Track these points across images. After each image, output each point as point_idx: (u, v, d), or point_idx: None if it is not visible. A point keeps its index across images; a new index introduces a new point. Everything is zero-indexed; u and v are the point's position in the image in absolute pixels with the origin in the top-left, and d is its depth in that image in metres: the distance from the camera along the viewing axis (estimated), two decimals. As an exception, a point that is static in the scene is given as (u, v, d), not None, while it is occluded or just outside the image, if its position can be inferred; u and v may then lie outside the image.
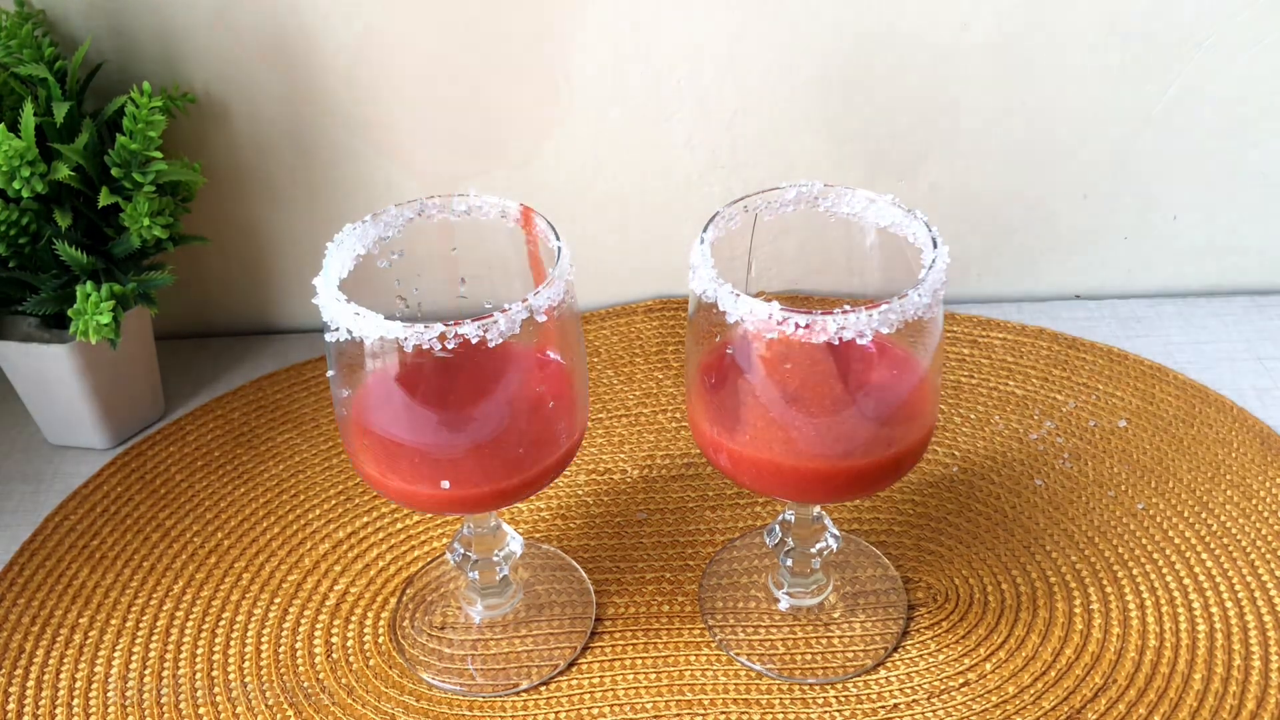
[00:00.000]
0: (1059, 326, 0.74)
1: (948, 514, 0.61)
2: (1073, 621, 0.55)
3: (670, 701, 0.53)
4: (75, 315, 0.59)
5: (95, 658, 0.56)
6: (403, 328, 0.43)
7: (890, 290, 0.50)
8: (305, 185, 0.72)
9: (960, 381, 0.70)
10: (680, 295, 0.77)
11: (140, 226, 0.60)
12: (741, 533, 0.61)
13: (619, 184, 0.72)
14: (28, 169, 0.57)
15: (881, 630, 0.56)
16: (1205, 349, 0.71)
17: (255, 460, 0.66)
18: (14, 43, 0.61)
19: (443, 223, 0.50)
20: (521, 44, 0.67)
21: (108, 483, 0.65)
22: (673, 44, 0.67)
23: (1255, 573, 0.57)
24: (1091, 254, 0.76)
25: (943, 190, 0.73)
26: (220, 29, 0.66)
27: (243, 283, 0.76)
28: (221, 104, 0.69)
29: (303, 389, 0.72)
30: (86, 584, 0.59)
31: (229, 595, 0.59)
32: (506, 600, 0.57)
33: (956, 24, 0.66)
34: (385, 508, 0.63)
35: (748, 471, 0.48)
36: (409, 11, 0.66)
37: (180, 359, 0.74)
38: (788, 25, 0.67)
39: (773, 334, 0.43)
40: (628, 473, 0.65)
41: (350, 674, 0.55)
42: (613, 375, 0.71)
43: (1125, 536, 0.59)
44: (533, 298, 0.44)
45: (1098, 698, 0.52)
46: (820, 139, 0.71)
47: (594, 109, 0.69)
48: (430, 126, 0.70)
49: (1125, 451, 0.64)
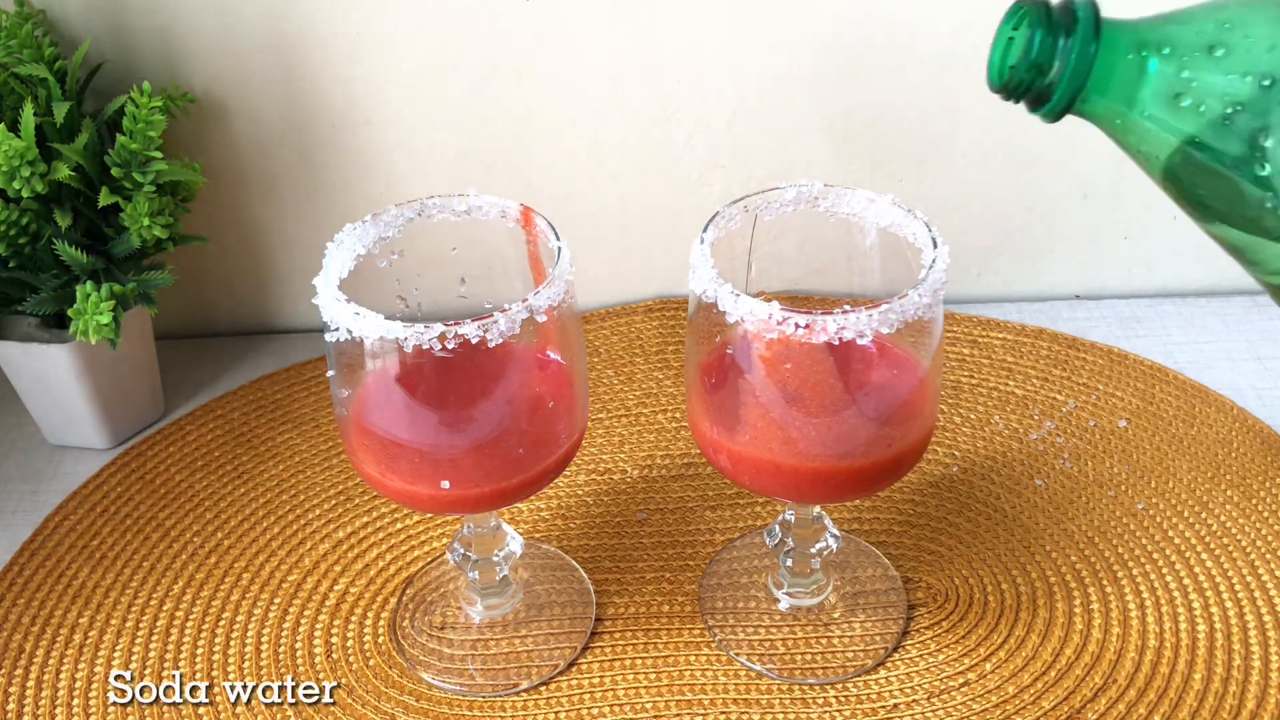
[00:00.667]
0: (1059, 326, 0.74)
1: (948, 514, 0.61)
2: (1073, 621, 0.55)
3: (670, 701, 0.53)
4: (75, 315, 0.59)
5: (95, 658, 0.56)
6: (403, 328, 0.43)
7: (890, 290, 0.50)
8: (305, 185, 0.72)
9: (960, 381, 0.70)
10: (680, 295, 0.77)
11: (140, 226, 0.60)
12: (741, 533, 0.61)
13: (619, 184, 0.72)
14: (28, 169, 0.57)
15: (881, 630, 0.56)
16: (1205, 349, 0.71)
17: (255, 460, 0.66)
18: (14, 43, 0.61)
19: (443, 223, 0.50)
20: (521, 43, 0.67)
21: (108, 483, 0.65)
22: (672, 44, 0.67)
23: (1255, 573, 0.57)
24: (1091, 254, 0.76)
25: (943, 190, 0.73)
26: (220, 29, 0.66)
27: (243, 283, 0.76)
28: (221, 104, 0.69)
29: (303, 389, 0.72)
30: (86, 584, 0.59)
31: (229, 595, 0.59)
32: (506, 600, 0.57)
33: (957, 23, 0.66)
34: (385, 508, 0.63)
35: (748, 471, 0.48)
36: (409, 11, 0.66)
37: (180, 359, 0.74)
38: (788, 25, 0.67)
39: (773, 334, 0.43)
40: (628, 473, 0.65)
41: (350, 674, 0.55)
42: (613, 375, 0.71)
43: (1125, 536, 0.59)
44: (533, 298, 0.44)
45: (1098, 698, 0.52)
46: (820, 139, 0.71)
47: (594, 109, 0.69)
48: (430, 126, 0.70)
49: (1125, 451, 0.64)
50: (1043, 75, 0.41)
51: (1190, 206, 0.42)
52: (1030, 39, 0.40)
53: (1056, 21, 0.40)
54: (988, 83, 0.43)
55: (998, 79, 0.42)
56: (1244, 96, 0.38)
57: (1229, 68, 0.38)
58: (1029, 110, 0.42)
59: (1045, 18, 0.40)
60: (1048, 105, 0.41)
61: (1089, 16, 0.40)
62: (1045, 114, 0.41)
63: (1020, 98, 0.42)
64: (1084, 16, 0.40)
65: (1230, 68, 0.38)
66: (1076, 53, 0.40)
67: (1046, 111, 0.41)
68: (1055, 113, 0.41)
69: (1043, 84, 0.41)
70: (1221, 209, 0.41)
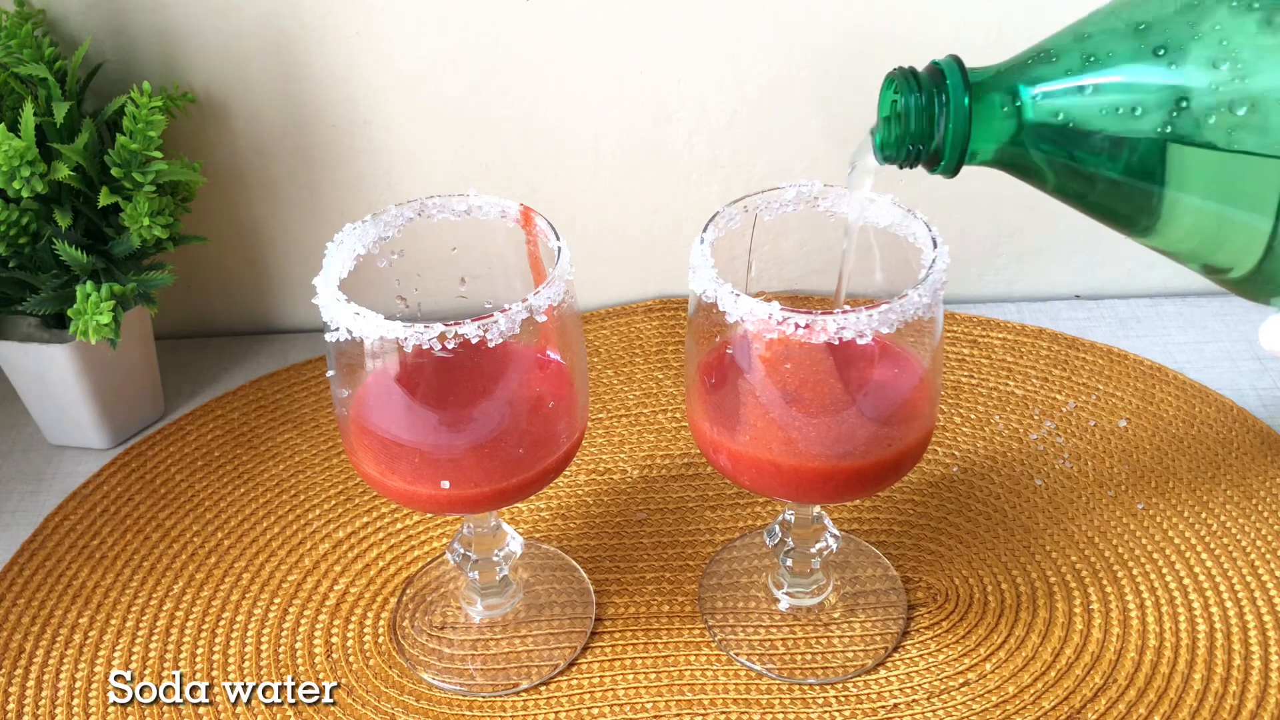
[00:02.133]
0: (1059, 326, 0.74)
1: (948, 514, 0.61)
2: (1073, 621, 0.55)
3: (670, 701, 0.53)
4: (75, 315, 0.59)
5: (95, 658, 0.56)
6: (403, 328, 0.43)
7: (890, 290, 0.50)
8: (305, 185, 0.72)
9: (960, 381, 0.70)
10: (680, 295, 0.77)
11: (140, 226, 0.60)
12: (741, 533, 0.61)
13: (619, 184, 0.72)
14: (28, 169, 0.57)
15: (881, 630, 0.56)
16: (1205, 349, 0.71)
17: (255, 460, 0.66)
18: (14, 43, 0.61)
19: (443, 223, 0.50)
20: (521, 43, 0.67)
21: (108, 483, 0.65)
22: (672, 44, 0.67)
23: (1255, 573, 0.57)
24: (1091, 254, 0.75)
25: (943, 190, 0.73)
26: (220, 29, 0.66)
27: (243, 283, 0.76)
28: (221, 104, 0.69)
29: (303, 389, 0.72)
30: (86, 584, 0.59)
31: (229, 595, 0.59)
32: (506, 600, 0.57)
33: (957, 23, 0.66)
34: (385, 508, 0.63)
35: (748, 471, 0.48)
36: (408, 11, 0.66)
37: (180, 359, 0.74)
38: (788, 25, 0.67)
39: (773, 334, 0.43)
40: (628, 473, 0.65)
41: (350, 674, 0.55)
42: (613, 375, 0.71)
43: (1125, 536, 0.59)
44: (533, 298, 0.44)
45: (1098, 698, 0.52)
46: (820, 139, 0.71)
47: (594, 109, 0.69)
48: (430, 126, 0.70)
49: (1125, 451, 0.64)
50: (929, 139, 0.41)
51: (1120, 225, 0.43)
52: (907, 107, 0.41)
53: (925, 84, 0.41)
54: (877, 158, 0.44)
55: (890, 153, 0.43)
56: (1126, 100, 0.39)
57: (1105, 78, 0.39)
58: (928, 171, 0.43)
59: (915, 84, 0.41)
60: (942, 164, 0.42)
61: (954, 69, 0.41)
62: (943, 171, 0.42)
63: (914, 163, 0.43)
64: (949, 70, 0.41)
65: (1104, 70, 0.39)
66: (952, 108, 0.41)
67: (943, 169, 0.42)
68: (951, 168, 0.42)
69: (931, 147, 0.42)
70: (1141, 217, 0.42)
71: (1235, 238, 0.40)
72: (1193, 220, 0.40)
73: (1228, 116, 0.37)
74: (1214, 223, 0.40)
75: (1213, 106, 0.38)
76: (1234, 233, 0.40)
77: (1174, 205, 0.40)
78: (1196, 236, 0.41)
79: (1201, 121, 0.38)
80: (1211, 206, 0.40)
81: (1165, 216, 0.41)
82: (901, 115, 0.42)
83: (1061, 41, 0.41)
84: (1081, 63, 0.40)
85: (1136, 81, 0.39)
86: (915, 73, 0.42)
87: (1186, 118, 0.38)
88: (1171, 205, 0.40)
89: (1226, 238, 0.40)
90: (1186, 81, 0.38)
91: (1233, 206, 0.39)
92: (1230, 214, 0.39)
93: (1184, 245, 0.42)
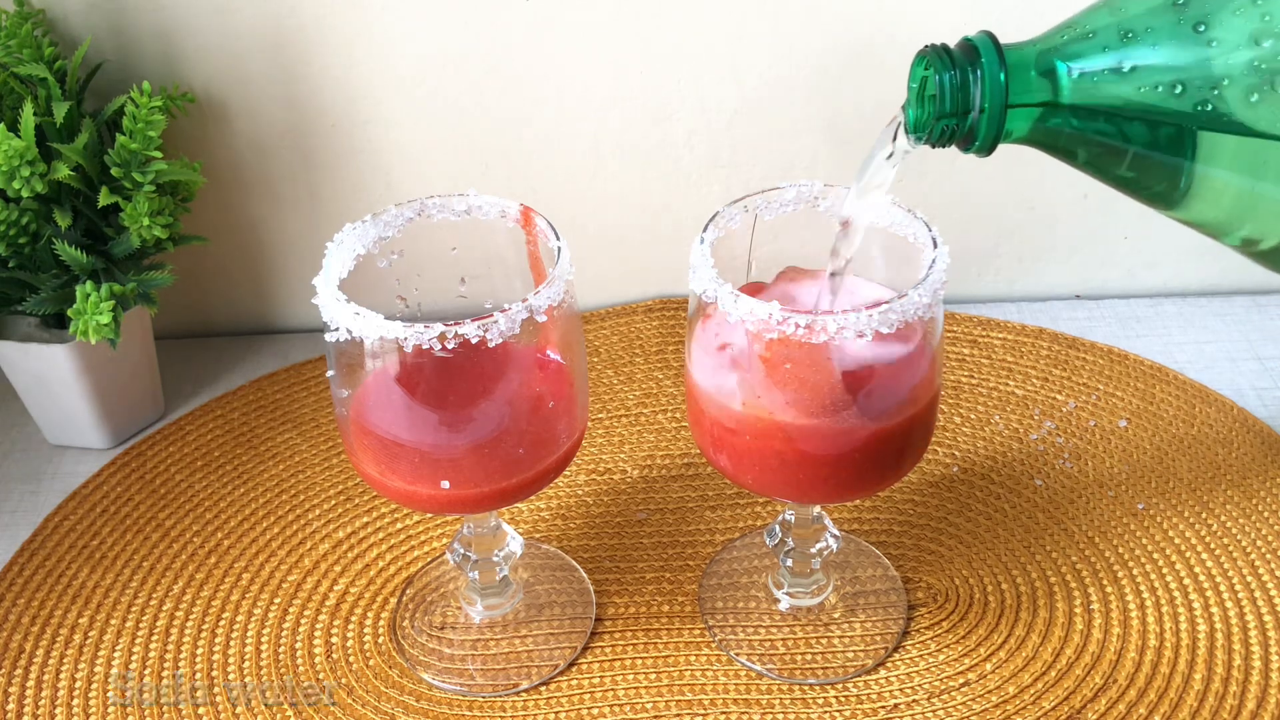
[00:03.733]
0: (1059, 326, 0.74)
1: (948, 514, 0.61)
2: (1073, 621, 0.55)
3: (670, 701, 0.53)
4: (75, 315, 0.59)
5: (95, 658, 0.56)
6: (403, 328, 0.43)
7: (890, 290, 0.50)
8: (305, 185, 0.72)
9: (960, 381, 0.70)
10: (680, 295, 0.77)
11: (140, 226, 0.60)
12: (741, 533, 0.61)
13: (619, 184, 0.72)
14: (28, 169, 0.57)
15: (881, 630, 0.56)
16: (1205, 349, 0.71)
17: (255, 460, 0.66)
18: (14, 43, 0.61)
19: (443, 223, 0.50)
20: (521, 43, 0.67)
21: (108, 483, 0.65)
22: (672, 44, 0.67)
23: (1255, 573, 0.57)
24: (1091, 254, 0.75)
25: (943, 190, 0.73)
26: (220, 29, 0.66)
27: (243, 283, 0.76)
28: (221, 104, 0.69)
29: (303, 389, 0.72)
30: (86, 584, 0.59)
31: (229, 595, 0.59)
32: (506, 600, 0.57)
33: (957, 23, 0.66)
34: (385, 508, 0.63)
35: (748, 471, 0.48)
36: (409, 11, 0.66)
37: (180, 359, 0.74)
38: (788, 25, 0.67)
39: (773, 334, 0.43)
40: (628, 473, 0.65)
41: (350, 674, 0.55)
42: (613, 375, 0.71)
43: (1125, 536, 0.59)
44: (533, 298, 0.44)
45: (1098, 698, 0.52)
46: (820, 139, 0.71)
47: (594, 109, 0.69)
48: (430, 126, 0.70)
49: (1125, 451, 0.64)
50: (964, 116, 0.41)
51: (1151, 199, 0.42)
52: (941, 84, 0.41)
53: (960, 60, 0.41)
54: (910, 138, 0.43)
55: (922, 131, 0.42)
56: (1164, 78, 0.38)
57: (1143, 54, 0.39)
58: (961, 151, 0.42)
59: (949, 60, 0.41)
60: (977, 143, 0.41)
61: (989, 45, 0.40)
62: (977, 150, 0.42)
63: (948, 142, 0.42)
64: (984, 46, 0.40)
65: (1142, 48, 0.39)
66: (988, 85, 0.40)
67: (978, 148, 0.41)
68: (987, 147, 0.41)
69: (966, 125, 0.41)
70: (1175, 191, 0.41)
71: (1267, 209, 0.39)
72: (1225, 193, 0.40)
73: (1269, 93, 0.37)
74: (1247, 195, 0.39)
75: (1255, 85, 0.37)
76: (1266, 205, 0.39)
77: (1206, 179, 0.39)
78: (1228, 209, 0.40)
79: (1242, 98, 0.37)
80: (1245, 180, 0.39)
81: (1196, 190, 0.40)
82: (935, 94, 0.41)
83: (1097, 17, 0.40)
84: (1119, 39, 0.39)
85: (1175, 58, 0.38)
86: (949, 49, 0.41)
87: (1225, 94, 0.37)
88: (1203, 179, 0.39)
89: (1259, 209, 0.40)
90: (1227, 57, 0.37)
91: (1267, 180, 0.39)
92: (1264, 187, 0.39)
93: (1213, 217, 0.41)
